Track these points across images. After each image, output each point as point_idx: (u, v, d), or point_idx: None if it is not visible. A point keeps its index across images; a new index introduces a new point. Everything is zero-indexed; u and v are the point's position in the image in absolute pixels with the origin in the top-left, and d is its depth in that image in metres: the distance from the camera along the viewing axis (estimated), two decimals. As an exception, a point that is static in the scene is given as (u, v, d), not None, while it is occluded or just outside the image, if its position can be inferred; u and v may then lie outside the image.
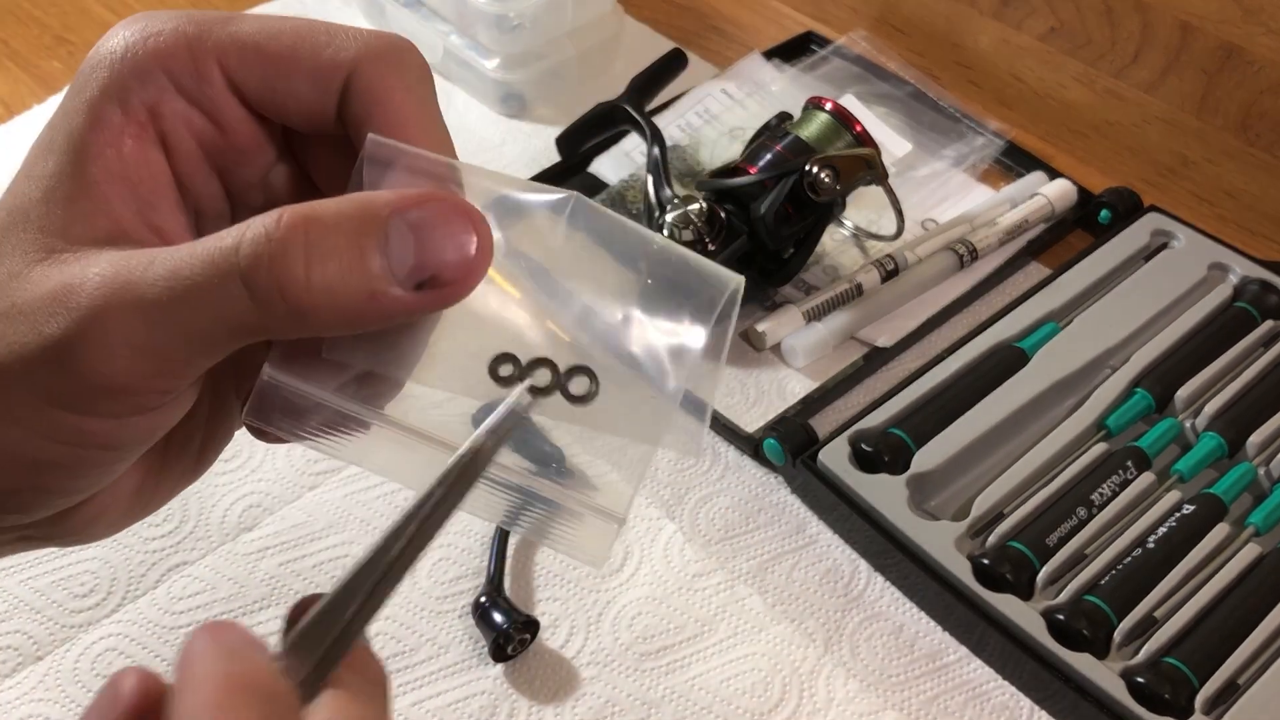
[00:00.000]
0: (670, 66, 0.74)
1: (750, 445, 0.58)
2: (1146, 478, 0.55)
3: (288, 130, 0.30)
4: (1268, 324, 0.62)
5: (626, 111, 0.68)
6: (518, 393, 0.27)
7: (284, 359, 0.27)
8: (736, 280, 0.28)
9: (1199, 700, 0.47)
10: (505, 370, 0.28)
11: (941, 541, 0.52)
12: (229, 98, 0.28)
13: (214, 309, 0.24)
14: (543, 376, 0.28)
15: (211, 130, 0.28)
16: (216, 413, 0.31)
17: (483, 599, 0.52)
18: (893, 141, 0.73)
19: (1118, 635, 0.50)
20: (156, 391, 0.25)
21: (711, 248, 0.60)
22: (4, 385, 0.25)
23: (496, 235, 0.26)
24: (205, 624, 0.22)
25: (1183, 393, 0.59)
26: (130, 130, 0.27)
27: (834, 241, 0.69)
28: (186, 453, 0.31)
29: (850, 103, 0.73)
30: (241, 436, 0.30)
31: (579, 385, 0.28)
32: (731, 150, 0.71)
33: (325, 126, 0.28)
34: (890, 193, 0.65)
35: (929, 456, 0.56)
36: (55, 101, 0.76)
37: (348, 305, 0.24)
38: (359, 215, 0.24)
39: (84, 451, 0.26)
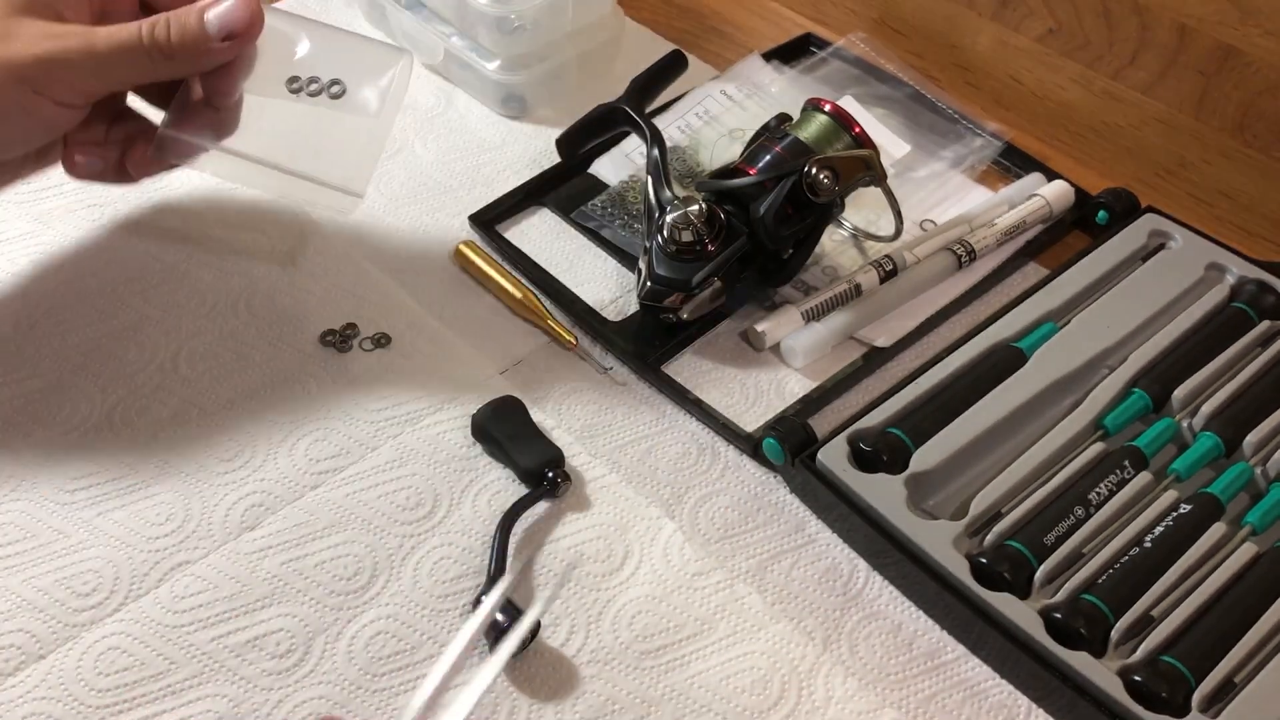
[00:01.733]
0: (670, 68, 0.74)
1: (749, 445, 0.59)
2: (1144, 477, 0.56)
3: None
4: (1265, 324, 0.63)
5: (626, 113, 0.68)
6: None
7: (172, 124, 0.56)
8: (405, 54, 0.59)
9: (1196, 698, 0.48)
10: (295, 85, 0.57)
11: (940, 540, 0.53)
12: None
13: (126, 53, 0.52)
14: (337, 89, 0.58)
15: None
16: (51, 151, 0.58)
17: (483, 597, 0.52)
18: (891, 143, 0.74)
19: (1115, 634, 0.50)
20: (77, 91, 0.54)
21: (711, 248, 0.60)
22: None
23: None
24: None
25: (1180, 392, 0.59)
26: None
27: (833, 242, 0.69)
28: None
29: (849, 104, 0.74)
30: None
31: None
32: (731, 151, 0.72)
33: None
34: (889, 194, 0.65)
35: (927, 456, 0.56)
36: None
37: (195, 47, 0.53)
38: (197, 9, 0.53)
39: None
